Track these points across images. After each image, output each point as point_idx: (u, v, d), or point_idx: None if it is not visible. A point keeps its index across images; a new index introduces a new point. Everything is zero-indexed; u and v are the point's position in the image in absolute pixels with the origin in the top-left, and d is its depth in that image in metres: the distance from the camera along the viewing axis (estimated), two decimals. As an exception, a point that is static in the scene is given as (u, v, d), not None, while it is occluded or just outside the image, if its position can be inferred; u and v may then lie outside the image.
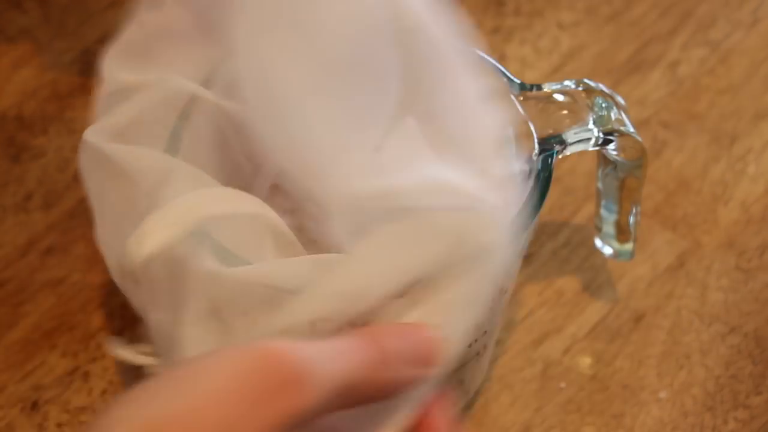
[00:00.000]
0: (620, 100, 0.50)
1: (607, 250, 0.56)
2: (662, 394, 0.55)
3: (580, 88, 0.49)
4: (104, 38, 0.67)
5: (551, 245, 0.60)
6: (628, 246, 0.55)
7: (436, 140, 0.44)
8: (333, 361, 0.38)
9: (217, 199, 0.44)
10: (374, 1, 0.42)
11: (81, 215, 0.61)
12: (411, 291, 0.41)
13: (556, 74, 0.65)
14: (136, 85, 0.47)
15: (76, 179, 0.62)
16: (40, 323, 0.58)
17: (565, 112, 0.49)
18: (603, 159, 0.52)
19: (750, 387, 0.56)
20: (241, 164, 0.49)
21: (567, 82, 0.50)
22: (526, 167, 0.49)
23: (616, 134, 0.49)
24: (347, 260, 0.41)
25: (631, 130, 0.49)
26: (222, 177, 0.46)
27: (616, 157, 0.51)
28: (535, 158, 0.48)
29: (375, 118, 0.44)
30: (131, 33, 0.47)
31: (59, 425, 0.55)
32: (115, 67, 0.47)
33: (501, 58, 0.66)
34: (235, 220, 0.44)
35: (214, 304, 0.42)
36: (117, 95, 0.47)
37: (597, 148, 0.49)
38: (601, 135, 0.49)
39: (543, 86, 0.50)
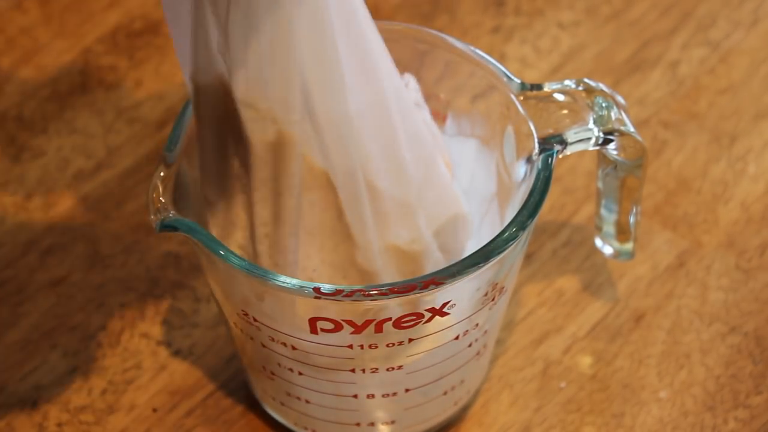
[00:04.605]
0: (620, 99, 0.50)
1: (608, 250, 0.56)
2: (662, 394, 0.55)
3: (581, 88, 0.49)
4: (104, 38, 0.67)
5: (551, 245, 0.60)
6: (628, 246, 0.55)
7: None
8: None
9: None
10: None
11: (81, 215, 0.61)
12: None
13: (556, 74, 0.65)
14: None
15: (76, 179, 0.62)
16: (40, 323, 0.58)
17: (565, 111, 0.49)
18: (603, 159, 0.52)
19: (750, 387, 0.56)
20: None
21: (567, 82, 0.50)
22: (527, 167, 0.49)
23: (616, 134, 0.49)
24: None
25: (632, 129, 0.49)
26: None
27: (617, 157, 0.51)
28: (535, 158, 0.48)
29: None
30: None
31: (59, 425, 0.55)
32: None
33: (501, 58, 0.66)
34: None
35: None
36: None
37: (597, 147, 0.49)
38: (602, 135, 0.49)
39: (543, 86, 0.50)
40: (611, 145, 0.50)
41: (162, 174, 0.47)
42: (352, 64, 0.45)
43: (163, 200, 0.47)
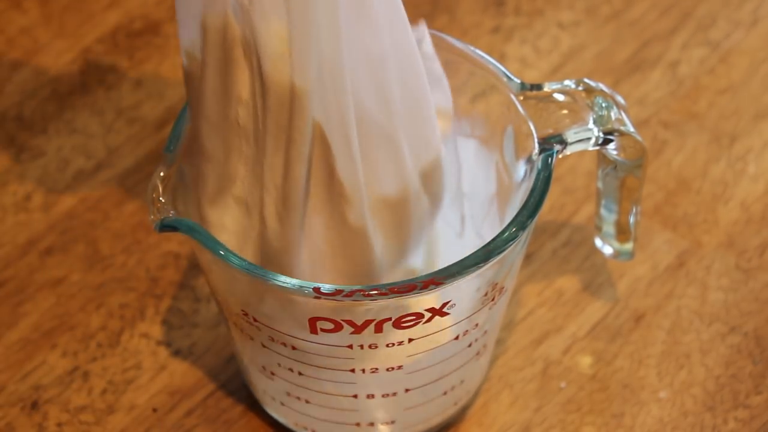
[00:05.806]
0: (620, 99, 0.50)
1: (607, 250, 0.56)
2: (662, 394, 0.55)
3: (580, 88, 0.49)
4: (104, 38, 0.67)
5: (551, 245, 0.60)
6: (628, 246, 0.55)
7: None
8: None
9: None
10: None
11: (81, 215, 0.61)
12: None
13: (556, 74, 0.65)
14: None
15: (76, 179, 0.62)
16: (40, 323, 0.58)
17: (565, 111, 0.49)
18: (603, 159, 0.52)
19: (750, 387, 0.56)
20: None
21: (567, 82, 0.50)
22: (527, 167, 0.49)
23: (616, 134, 0.49)
24: None
25: (632, 129, 0.49)
26: None
27: (616, 157, 0.51)
28: (535, 158, 0.48)
29: None
30: None
31: (59, 425, 0.55)
32: None
33: (501, 58, 0.66)
34: None
35: None
36: None
37: (597, 147, 0.49)
38: (601, 135, 0.49)
39: (543, 86, 0.50)
40: (611, 145, 0.50)
41: (162, 174, 0.47)
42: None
43: (163, 200, 0.47)
